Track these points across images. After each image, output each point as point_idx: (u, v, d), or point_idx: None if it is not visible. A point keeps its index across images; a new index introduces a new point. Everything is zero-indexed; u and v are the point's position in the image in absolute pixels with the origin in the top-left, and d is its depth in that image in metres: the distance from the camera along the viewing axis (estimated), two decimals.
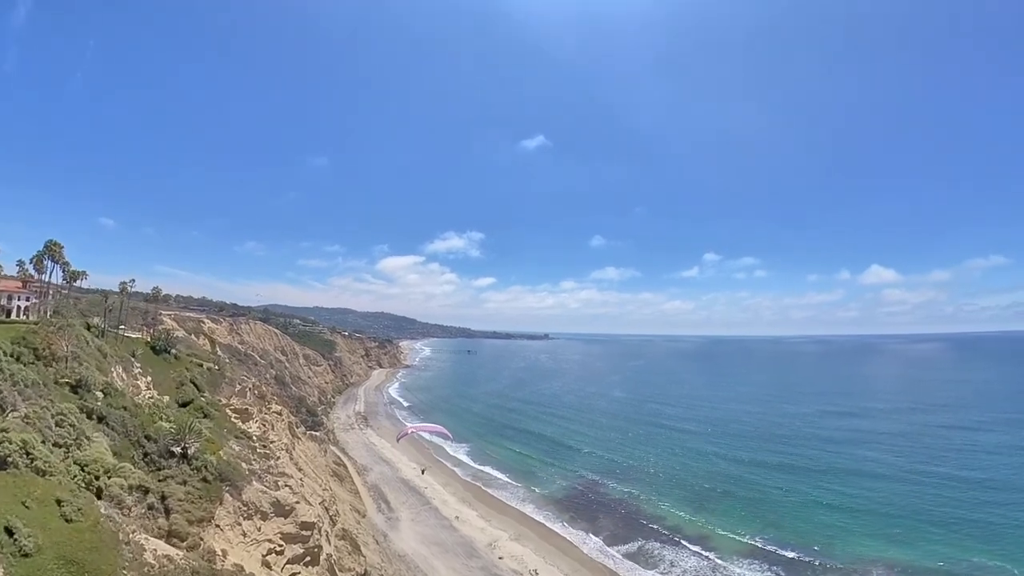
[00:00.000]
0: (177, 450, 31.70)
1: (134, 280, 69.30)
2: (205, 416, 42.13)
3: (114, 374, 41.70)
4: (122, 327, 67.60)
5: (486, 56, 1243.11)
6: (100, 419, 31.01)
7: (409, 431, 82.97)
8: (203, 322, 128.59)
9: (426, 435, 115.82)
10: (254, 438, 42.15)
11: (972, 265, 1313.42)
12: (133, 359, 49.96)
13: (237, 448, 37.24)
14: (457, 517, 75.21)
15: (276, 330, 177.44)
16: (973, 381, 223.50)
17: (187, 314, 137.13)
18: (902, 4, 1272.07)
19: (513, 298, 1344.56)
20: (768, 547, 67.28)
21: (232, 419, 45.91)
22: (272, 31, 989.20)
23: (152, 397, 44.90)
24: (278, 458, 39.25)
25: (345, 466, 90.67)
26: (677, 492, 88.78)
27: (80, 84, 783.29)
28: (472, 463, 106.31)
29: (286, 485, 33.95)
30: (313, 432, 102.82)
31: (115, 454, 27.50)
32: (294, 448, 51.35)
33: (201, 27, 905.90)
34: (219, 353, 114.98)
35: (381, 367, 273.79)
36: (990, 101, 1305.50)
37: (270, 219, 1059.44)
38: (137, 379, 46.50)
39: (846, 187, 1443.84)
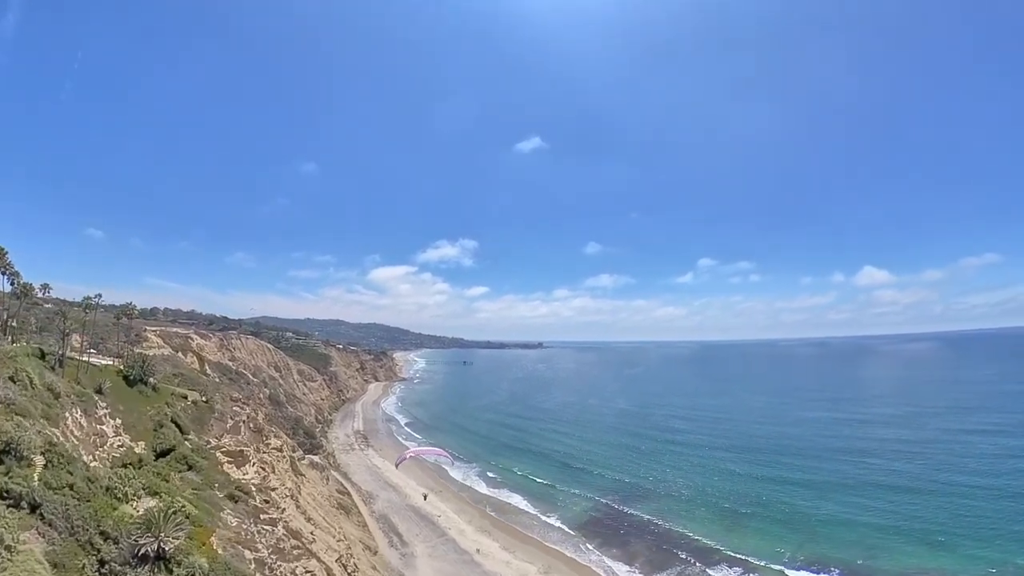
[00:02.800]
0: (150, 550, 21.77)
1: (100, 295, 55.49)
2: (190, 468, 34.17)
3: (69, 421, 32.27)
4: (92, 351, 58.62)
5: (482, 56, 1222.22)
6: (33, 508, 20.62)
7: (409, 455, 77.37)
8: (191, 338, 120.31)
9: (430, 459, 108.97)
10: (253, 492, 34.34)
11: (965, 264, 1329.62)
12: (98, 396, 39.78)
13: (235, 522, 28.80)
14: (478, 550, 68.23)
15: (269, 345, 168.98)
16: (978, 381, 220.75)
17: (174, 329, 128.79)
18: (893, 4, 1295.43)
19: (506, 307, 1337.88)
20: (810, 569, 63.01)
21: (224, 466, 38.06)
22: (258, 32, 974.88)
23: (122, 446, 36.05)
24: (283, 510, 32.08)
25: (349, 494, 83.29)
26: (702, 511, 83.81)
27: (69, 92, 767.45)
28: (483, 486, 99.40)
29: (308, 572, 26.37)
30: (312, 456, 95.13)
31: (54, 566, 18.71)
32: (300, 492, 43.95)
33: (187, 30, 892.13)
34: (208, 372, 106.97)
35: (377, 380, 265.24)
36: (985, 100, 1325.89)
37: (259, 228, 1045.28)
38: (103, 423, 37.13)
39: (840, 188, 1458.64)
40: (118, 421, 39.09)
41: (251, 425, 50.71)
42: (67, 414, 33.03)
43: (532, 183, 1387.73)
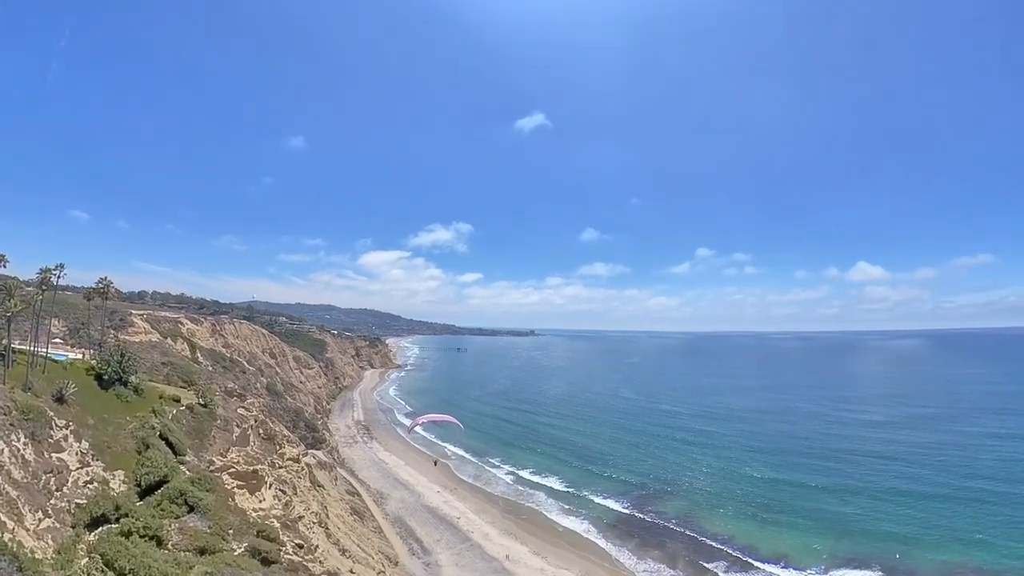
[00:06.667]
0: None
1: (62, 265, 41.25)
2: (191, 509, 25.18)
3: (5, 455, 21.89)
4: (57, 340, 48.00)
5: (483, 25, 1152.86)
6: None
7: (422, 421, 73.67)
8: (182, 323, 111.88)
9: (452, 453, 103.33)
10: (279, 533, 25.66)
11: (959, 263, 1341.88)
12: (55, 411, 28.71)
13: None
14: (507, 556, 62.18)
15: (263, 330, 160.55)
16: (981, 381, 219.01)
17: (163, 313, 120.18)
18: (884, 5, 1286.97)
19: (498, 294, 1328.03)
20: (851, 566, 61.80)
21: (235, 495, 29.68)
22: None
23: (91, 481, 25.75)
24: (316, 547, 24.59)
25: (359, 494, 76.56)
26: (729, 509, 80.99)
27: (54, 73, 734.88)
28: (498, 485, 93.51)
29: None
30: (316, 452, 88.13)
31: None
32: (327, 515, 36.32)
33: (166, 3, 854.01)
34: (200, 360, 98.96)
35: (373, 367, 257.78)
36: (987, 97, 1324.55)
37: (246, 209, 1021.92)
38: (62, 450, 25.94)
39: (841, 182, 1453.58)
40: (85, 444, 28.58)
41: (261, 431, 41.69)
42: (1, 444, 22.81)
43: (532, 164, 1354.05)
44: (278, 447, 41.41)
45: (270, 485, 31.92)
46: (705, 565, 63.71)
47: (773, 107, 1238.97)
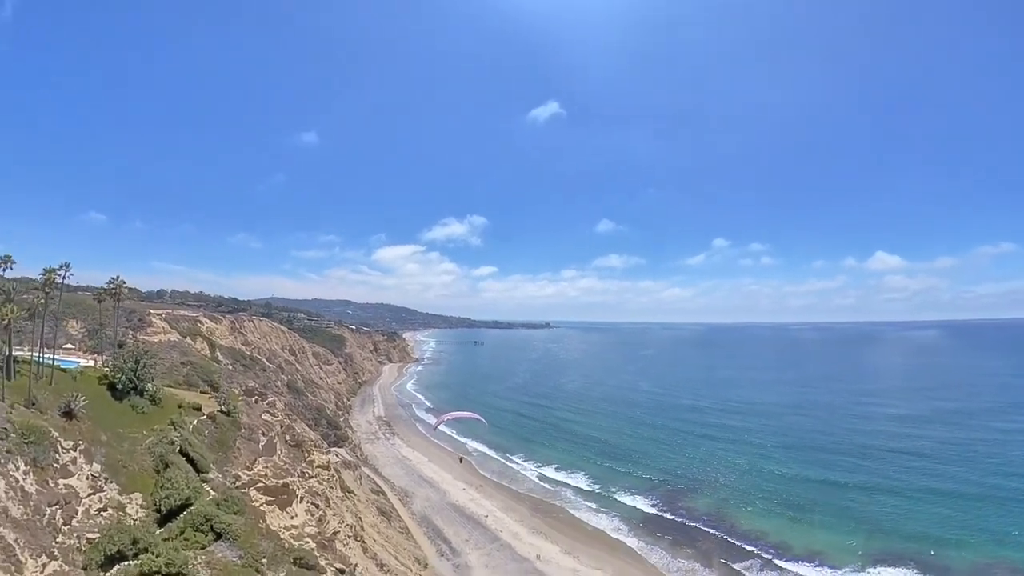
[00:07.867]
0: None
1: (68, 264, 37.94)
2: (218, 536, 22.65)
3: (1, 488, 19.35)
4: (69, 346, 45.07)
5: (497, 12, 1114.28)
6: None
7: (447, 418, 74.20)
8: (201, 322, 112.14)
9: (474, 450, 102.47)
10: (318, 558, 23.49)
11: (981, 252, 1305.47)
12: (60, 430, 25.49)
13: None
14: (539, 556, 61.10)
15: (282, 327, 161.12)
16: (1007, 373, 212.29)
17: (182, 312, 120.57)
18: None
19: (513, 287, 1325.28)
20: (885, 563, 60.64)
21: (265, 513, 27.08)
22: None
23: (104, 509, 23.04)
24: (355, 567, 23.07)
25: (384, 493, 75.88)
26: (758, 505, 79.88)
27: (66, 76, 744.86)
28: (526, 480, 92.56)
29: None
30: (338, 450, 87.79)
31: None
32: (362, 525, 34.64)
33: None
34: (220, 359, 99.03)
35: (391, 362, 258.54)
36: (1010, 85, 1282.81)
37: (259, 207, 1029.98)
38: (70, 474, 23.22)
39: (860, 170, 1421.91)
40: (97, 465, 25.44)
41: (287, 438, 40.03)
42: None
43: (547, 154, 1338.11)
44: (307, 454, 39.25)
45: (301, 499, 29.83)
46: (739, 565, 62.23)
47: (791, 96, 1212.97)
